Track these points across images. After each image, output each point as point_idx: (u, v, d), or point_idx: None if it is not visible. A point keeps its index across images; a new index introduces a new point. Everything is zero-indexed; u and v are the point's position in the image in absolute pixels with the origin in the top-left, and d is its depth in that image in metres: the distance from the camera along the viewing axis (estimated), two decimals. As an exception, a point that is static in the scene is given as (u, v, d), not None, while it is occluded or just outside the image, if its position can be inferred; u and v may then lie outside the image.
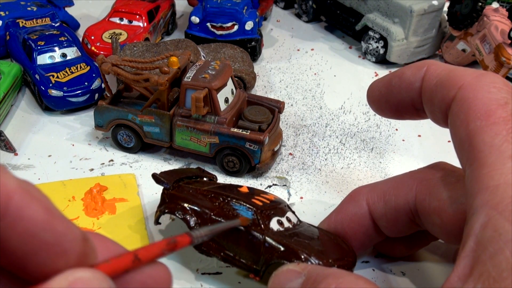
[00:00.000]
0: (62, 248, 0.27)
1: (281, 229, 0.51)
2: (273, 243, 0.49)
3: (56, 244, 0.27)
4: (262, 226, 0.50)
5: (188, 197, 0.54)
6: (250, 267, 0.51)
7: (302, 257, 0.47)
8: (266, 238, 0.49)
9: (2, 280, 0.28)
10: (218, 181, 0.64)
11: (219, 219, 0.52)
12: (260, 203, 0.52)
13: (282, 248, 0.49)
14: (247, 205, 0.52)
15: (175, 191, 0.56)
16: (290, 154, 0.76)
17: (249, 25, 0.93)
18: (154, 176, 0.58)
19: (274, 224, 0.51)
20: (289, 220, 0.53)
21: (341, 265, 0.48)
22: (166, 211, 0.55)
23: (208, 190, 0.55)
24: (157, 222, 0.56)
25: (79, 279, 0.26)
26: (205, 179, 0.62)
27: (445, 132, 0.81)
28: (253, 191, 0.56)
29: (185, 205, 0.54)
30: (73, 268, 0.27)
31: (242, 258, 0.51)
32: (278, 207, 0.54)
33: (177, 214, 0.54)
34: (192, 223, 0.53)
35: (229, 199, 0.53)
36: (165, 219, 0.63)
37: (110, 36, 0.92)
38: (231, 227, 0.50)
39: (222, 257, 0.52)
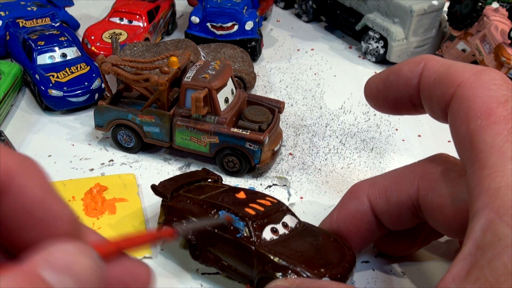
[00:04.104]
0: (53, 227, 0.28)
1: (275, 237, 0.51)
2: (265, 255, 0.49)
3: (48, 222, 0.27)
4: (254, 238, 0.50)
5: (185, 208, 0.55)
6: (246, 278, 0.51)
7: (290, 270, 0.48)
8: (258, 250, 0.50)
9: None
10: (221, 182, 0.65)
11: (213, 229, 0.52)
12: (254, 212, 0.52)
13: (273, 260, 0.49)
14: (240, 215, 0.52)
15: (173, 202, 0.56)
16: (290, 154, 0.76)
17: (249, 25, 0.93)
18: (153, 187, 0.59)
19: (267, 234, 0.51)
20: (285, 225, 0.53)
21: (334, 274, 0.48)
22: (165, 224, 0.56)
23: (203, 200, 0.55)
24: None
25: (62, 251, 0.26)
26: (209, 180, 0.63)
27: (445, 132, 0.81)
28: (250, 197, 0.56)
29: (182, 217, 0.55)
30: (56, 240, 0.26)
31: (238, 269, 0.52)
32: (274, 213, 0.54)
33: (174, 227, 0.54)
34: (189, 235, 0.54)
35: (222, 209, 0.53)
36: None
37: (110, 36, 0.92)
38: (214, 225, 0.51)
39: (219, 267, 0.53)
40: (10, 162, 0.27)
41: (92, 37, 0.92)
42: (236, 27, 0.93)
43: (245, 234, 0.51)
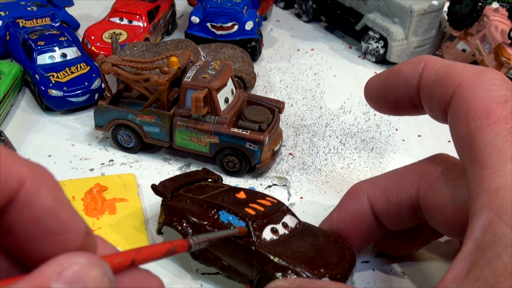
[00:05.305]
0: (64, 238, 0.27)
1: (275, 237, 0.51)
2: (265, 255, 0.49)
3: (59, 233, 0.27)
4: (254, 238, 0.50)
5: (185, 208, 0.55)
6: (246, 278, 0.51)
7: (290, 270, 0.47)
8: (258, 250, 0.50)
9: (2, 260, 0.29)
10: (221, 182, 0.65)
11: (214, 230, 0.52)
12: (254, 212, 0.52)
13: (273, 261, 0.49)
14: (240, 215, 0.52)
15: (173, 202, 0.57)
16: (290, 154, 0.76)
17: (249, 25, 0.93)
18: (153, 187, 0.59)
19: (267, 234, 0.51)
20: (285, 225, 0.53)
21: (334, 274, 0.48)
22: (165, 223, 0.56)
23: (203, 200, 0.55)
24: (159, 232, 0.58)
25: (73, 265, 0.26)
26: (209, 180, 0.63)
27: (445, 132, 0.81)
28: (250, 197, 0.56)
29: (182, 217, 0.55)
30: (68, 253, 0.26)
31: (238, 269, 0.52)
32: (274, 213, 0.54)
33: (174, 227, 0.54)
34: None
35: (222, 209, 0.53)
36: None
37: (110, 36, 0.92)
38: (228, 236, 0.50)
39: (219, 267, 0.53)
40: (21, 170, 0.26)
41: (92, 37, 0.92)
42: (236, 27, 0.93)
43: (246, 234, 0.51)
